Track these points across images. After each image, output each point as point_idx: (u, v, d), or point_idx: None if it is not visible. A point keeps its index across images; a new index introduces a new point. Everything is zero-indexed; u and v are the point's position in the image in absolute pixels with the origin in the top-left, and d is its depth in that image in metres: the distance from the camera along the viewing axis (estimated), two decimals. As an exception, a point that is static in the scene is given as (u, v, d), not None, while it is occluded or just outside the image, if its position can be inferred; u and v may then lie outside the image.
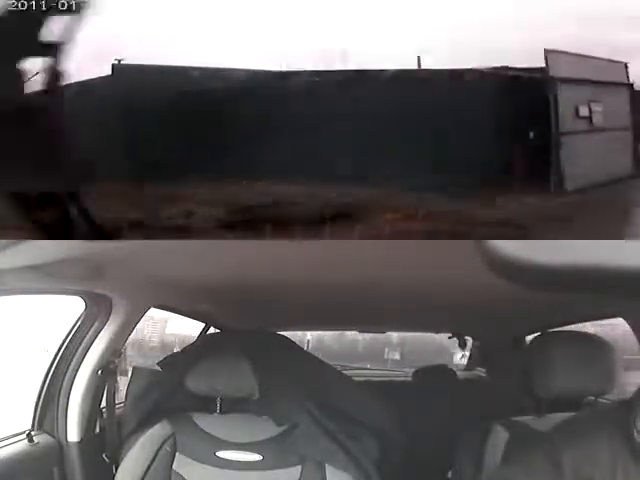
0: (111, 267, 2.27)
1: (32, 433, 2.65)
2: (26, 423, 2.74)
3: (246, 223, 5.37)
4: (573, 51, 7.50)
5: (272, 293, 2.94)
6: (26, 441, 2.59)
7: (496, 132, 7.13)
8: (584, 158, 7.39)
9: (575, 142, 7.32)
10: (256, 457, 2.48)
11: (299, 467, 2.46)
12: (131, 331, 2.91)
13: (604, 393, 2.24)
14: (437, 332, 5.33)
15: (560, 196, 6.57)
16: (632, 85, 8.60)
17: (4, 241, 1.75)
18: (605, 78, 8.04)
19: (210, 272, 2.46)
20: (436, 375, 4.65)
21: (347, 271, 2.33)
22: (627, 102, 8.55)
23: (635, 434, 1.67)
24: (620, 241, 1.08)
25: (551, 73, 7.03)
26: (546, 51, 7.07)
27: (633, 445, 1.68)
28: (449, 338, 4.93)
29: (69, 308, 2.80)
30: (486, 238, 1.14)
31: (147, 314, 2.98)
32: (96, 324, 2.71)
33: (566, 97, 7.24)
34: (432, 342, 6.26)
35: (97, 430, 2.77)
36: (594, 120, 7.63)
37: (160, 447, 2.49)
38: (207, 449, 2.50)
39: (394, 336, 6.32)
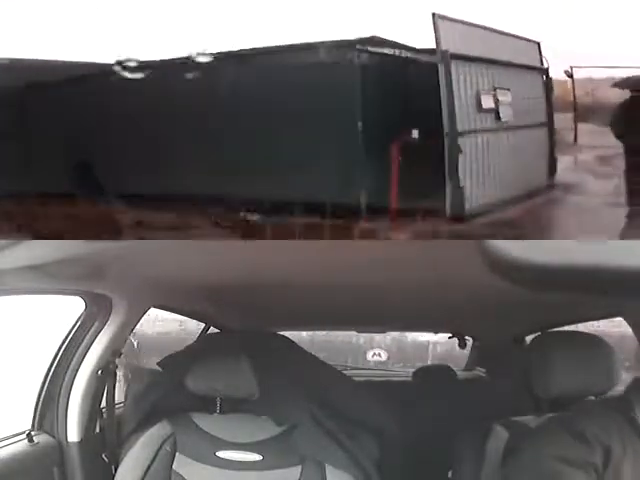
0: (111, 267, 2.28)
1: (32, 433, 2.65)
2: (26, 423, 2.74)
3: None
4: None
5: (272, 293, 2.94)
6: (26, 441, 2.59)
7: (362, 132, 5.22)
8: (489, 167, 5.49)
9: (477, 144, 5.40)
10: (256, 457, 2.48)
11: (299, 467, 2.46)
12: (131, 331, 2.92)
13: (604, 393, 2.23)
14: (437, 332, 5.33)
15: (457, 222, 4.95)
16: (547, 70, 6.85)
17: (4, 241, 1.75)
18: (514, 59, 6.10)
19: (210, 272, 2.46)
20: (436, 375, 4.65)
21: (347, 271, 2.33)
22: (541, 91, 6.72)
23: (636, 416, 1.76)
24: (620, 241, 1.08)
25: (443, 47, 4.98)
26: (435, 17, 4.96)
27: (637, 426, 1.79)
28: (449, 338, 4.93)
29: (69, 308, 2.80)
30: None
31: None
32: (96, 324, 2.71)
33: (464, 82, 5.30)
34: (344, 339, 6.24)
35: (97, 430, 2.77)
36: (502, 114, 5.72)
37: (160, 447, 2.49)
38: (207, 449, 2.50)
39: (301, 334, 6.22)
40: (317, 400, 2.60)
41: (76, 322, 2.75)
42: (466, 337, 4.88)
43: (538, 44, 6.75)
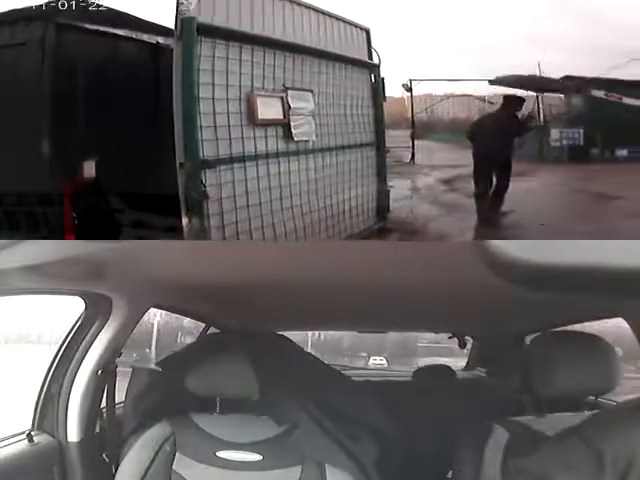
0: (111, 267, 2.27)
1: (32, 433, 2.65)
2: (26, 423, 2.74)
3: None
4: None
5: (272, 293, 2.94)
6: (26, 441, 2.59)
7: (51, 155, 3.47)
8: (273, 215, 3.68)
9: (247, 180, 3.49)
10: (256, 457, 2.48)
11: (299, 467, 2.46)
12: (131, 331, 2.92)
13: (604, 393, 2.24)
14: (437, 332, 5.33)
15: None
16: (378, 67, 4.97)
17: (4, 241, 1.75)
18: (326, 46, 4.22)
19: (210, 272, 2.46)
20: (436, 375, 4.65)
21: (347, 271, 2.33)
22: (368, 97, 4.77)
23: None
24: (620, 241, 1.08)
25: (186, 13, 3.03)
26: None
27: None
28: (449, 338, 4.93)
29: (69, 308, 2.80)
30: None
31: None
32: (96, 324, 2.71)
33: (225, 76, 3.39)
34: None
35: (97, 430, 2.77)
36: (296, 130, 3.78)
37: (160, 447, 2.49)
38: (207, 449, 2.50)
39: (186, 320, 6.20)
40: (317, 400, 2.60)
41: (76, 322, 2.75)
42: (466, 337, 4.88)
43: (367, 31, 4.80)
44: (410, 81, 8.54)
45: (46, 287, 2.42)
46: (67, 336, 2.76)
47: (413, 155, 8.28)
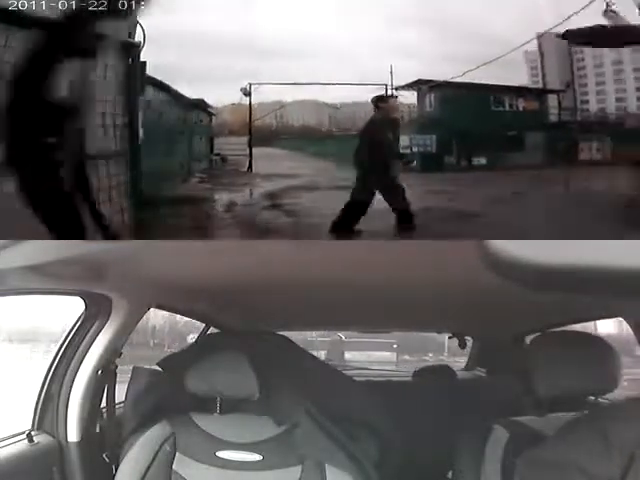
0: (111, 267, 2.28)
1: (32, 433, 2.65)
2: (26, 423, 2.74)
3: None
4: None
5: (272, 293, 2.94)
6: (26, 441, 2.59)
7: None
8: None
9: None
10: (256, 457, 2.48)
11: (299, 467, 2.46)
12: (131, 331, 2.92)
13: (605, 393, 2.24)
14: (437, 332, 5.33)
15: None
16: (138, 48, 3.98)
17: (4, 241, 1.75)
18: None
19: (210, 272, 2.46)
20: (436, 375, 4.65)
21: (347, 271, 2.33)
22: (119, 84, 3.64)
23: None
24: (620, 241, 1.08)
25: None
26: None
27: None
28: (449, 338, 4.93)
29: (69, 308, 2.80)
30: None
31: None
32: (96, 324, 2.71)
33: None
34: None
35: (97, 430, 2.77)
36: None
37: (160, 447, 2.49)
38: (207, 449, 2.50)
39: None
40: (317, 400, 2.60)
41: (76, 322, 2.75)
42: (466, 337, 4.89)
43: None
44: (249, 85, 8.36)
45: (46, 287, 2.42)
46: (67, 336, 2.76)
47: (250, 164, 8.10)
